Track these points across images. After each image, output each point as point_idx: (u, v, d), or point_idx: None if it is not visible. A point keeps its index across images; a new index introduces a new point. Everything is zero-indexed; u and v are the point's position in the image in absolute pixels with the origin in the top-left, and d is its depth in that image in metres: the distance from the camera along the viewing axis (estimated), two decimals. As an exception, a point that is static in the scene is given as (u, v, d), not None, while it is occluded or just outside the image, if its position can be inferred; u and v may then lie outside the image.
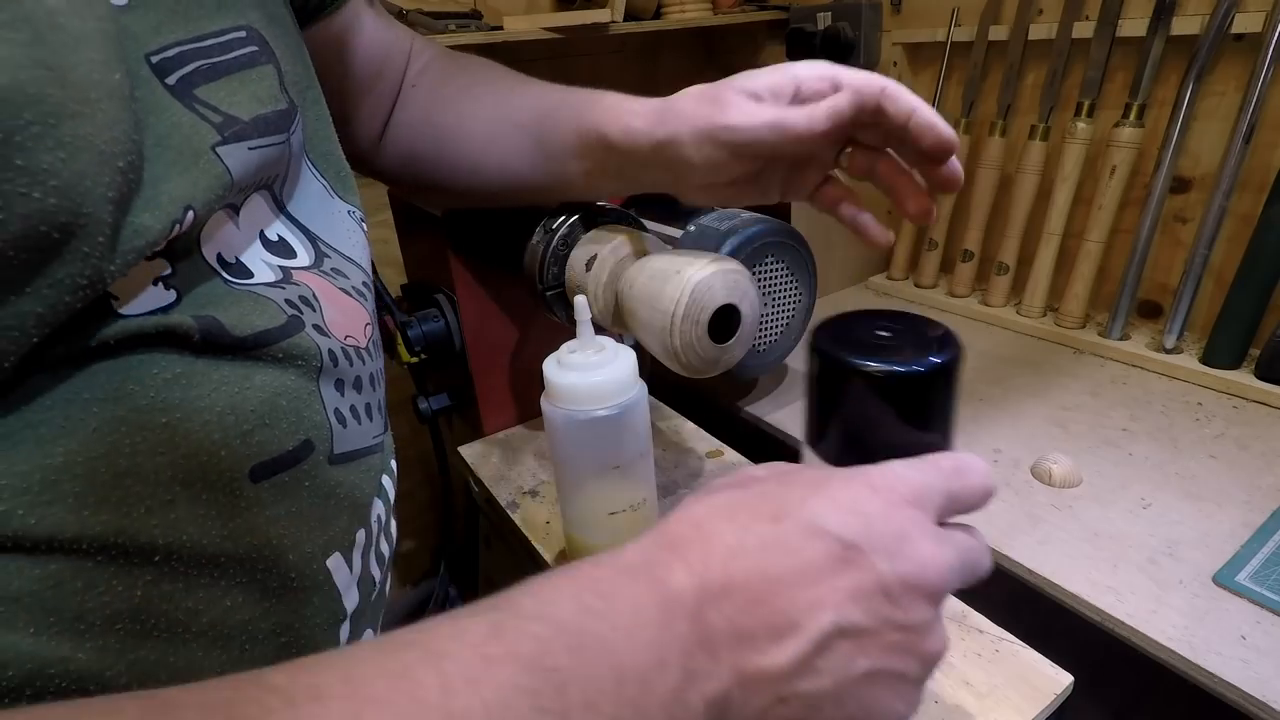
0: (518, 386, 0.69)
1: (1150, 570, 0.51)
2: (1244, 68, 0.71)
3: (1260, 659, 0.44)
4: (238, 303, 0.27)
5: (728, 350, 0.43)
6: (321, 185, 0.36)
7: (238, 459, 0.25)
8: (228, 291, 0.27)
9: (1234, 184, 0.70)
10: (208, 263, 0.27)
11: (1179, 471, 0.61)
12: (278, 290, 0.29)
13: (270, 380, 0.27)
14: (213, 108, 0.27)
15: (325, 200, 0.36)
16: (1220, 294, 0.74)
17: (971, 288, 0.97)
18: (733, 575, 0.22)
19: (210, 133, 0.26)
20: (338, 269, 0.34)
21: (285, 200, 0.33)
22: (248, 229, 0.29)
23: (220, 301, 0.26)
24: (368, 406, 0.33)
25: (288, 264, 0.31)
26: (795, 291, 0.70)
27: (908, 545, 0.24)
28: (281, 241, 0.31)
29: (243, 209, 0.29)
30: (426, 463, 1.10)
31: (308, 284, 0.31)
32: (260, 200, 0.31)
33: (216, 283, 0.27)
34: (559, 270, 0.53)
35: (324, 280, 0.32)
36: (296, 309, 0.29)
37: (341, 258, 0.35)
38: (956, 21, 0.93)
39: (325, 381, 0.30)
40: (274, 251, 0.31)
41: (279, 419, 0.27)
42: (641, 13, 0.99)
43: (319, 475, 0.29)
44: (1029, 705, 0.39)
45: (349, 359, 0.31)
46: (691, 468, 0.62)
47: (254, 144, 0.28)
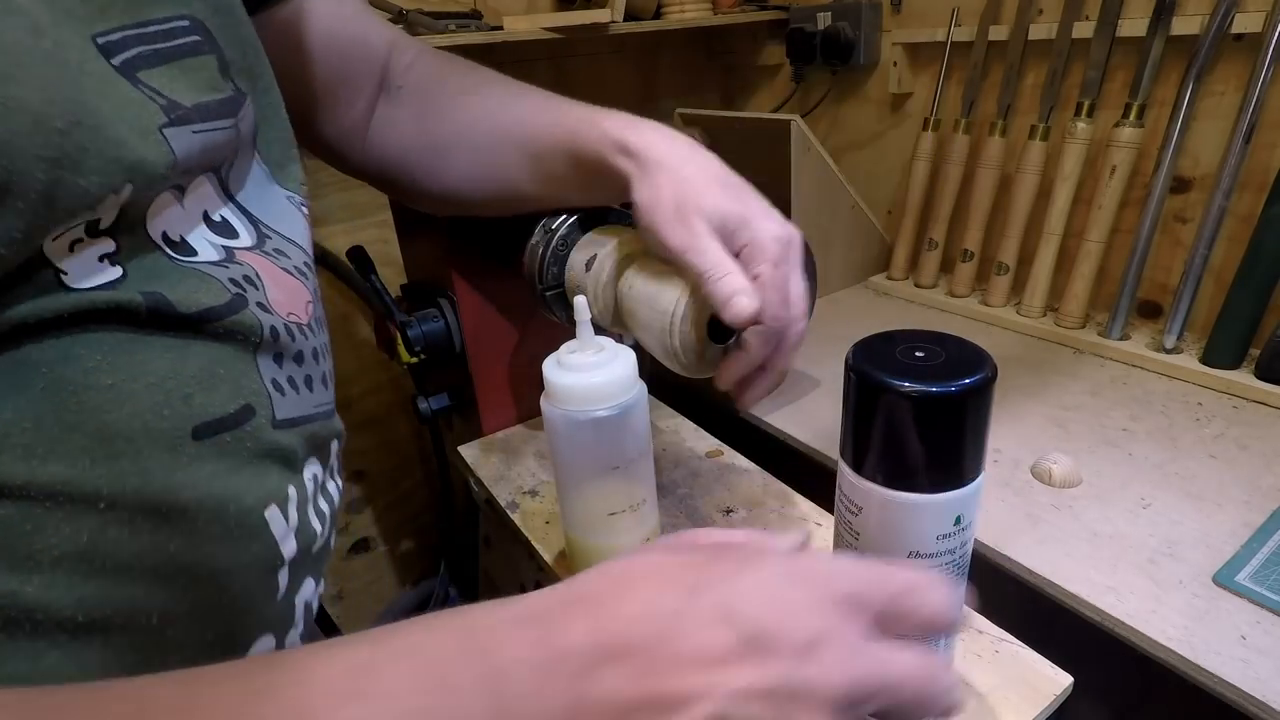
0: (518, 386, 0.69)
1: (1150, 570, 0.51)
2: (1244, 68, 0.71)
3: (1260, 659, 0.44)
4: (183, 279, 0.28)
5: (728, 350, 0.43)
6: (263, 171, 0.37)
7: (179, 418, 0.27)
8: (173, 268, 0.28)
9: (1234, 184, 0.70)
10: (153, 240, 0.28)
11: (1179, 471, 0.61)
12: (221, 269, 0.30)
13: (207, 351, 0.29)
14: (156, 91, 0.28)
15: (265, 185, 0.37)
16: (1220, 294, 0.74)
17: (971, 288, 0.97)
18: (632, 639, 0.22)
19: (158, 113, 0.27)
20: (279, 249, 0.35)
21: (231, 187, 0.34)
22: (193, 210, 0.31)
23: (166, 277, 0.28)
24: (308, 378, 0.35)
25: (230, 244, 0.32)
26: (795, 291, 0.70)
27: (820, 650, 0.22)
28: (225, 223, 0.33)
29: (189, 191, 0.30)
30: (426, 463, 1.10)
31: (250, 263, 0.32)
32: (206, 183, 0.32)
33: (161, 259, 0.28)
34: (559, 270, 0.53)
35: (266, 260, 0.33)
36: (240, 287, 0.31)
37: (283, 239, 0.36)
38: (956, 21, 0.93)
39: (263, 355, 0.31)
40: (217, 232, 0.32)
41: (217, 385, 0.29)
42: (641, 13, 0.99)
43: (262, 437, 0.30)
44: (1029, 705, 0.39)
45: (290, 334, 0.33)
46: (691, 468, 0.62)
47: (198, 128, 0.29)
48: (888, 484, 0.32)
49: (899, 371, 0.30)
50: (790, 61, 1.12)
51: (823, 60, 1.06)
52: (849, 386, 0.32)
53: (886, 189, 1.11)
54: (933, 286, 1.01)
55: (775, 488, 0.59)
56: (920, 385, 0.30)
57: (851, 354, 0.33)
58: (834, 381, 0.80)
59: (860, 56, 1.02)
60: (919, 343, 0.33)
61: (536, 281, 0.54)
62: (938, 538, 0.33)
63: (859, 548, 0.35)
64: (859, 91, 1.09)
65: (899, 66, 1.01)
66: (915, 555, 0.33)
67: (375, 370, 1.02)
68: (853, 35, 1.02)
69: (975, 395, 0.30)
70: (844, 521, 0.35)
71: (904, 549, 0.33)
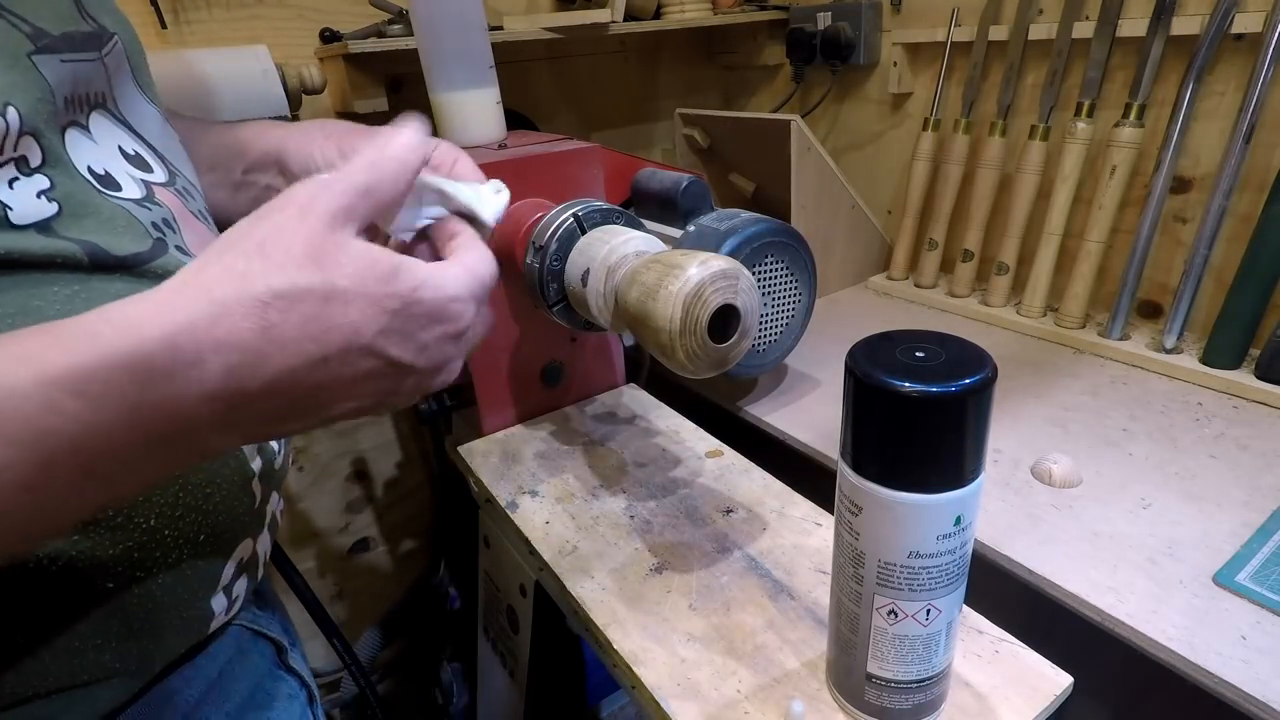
0: (518, 386, 0.69)
1: (1150, 570, 0.51)
2: (1244, 68, 0.71)
3: (1260, 659, 0.44)
4: (111, 220, 0.30)
5: (728, 350, 0.43)
6: (155, 110, 0.38)
7: None
8: (102, 202, 0.30)
9: (1234, 184, 0.70)
10: (81, 174, 0.30)
11: (1179, 471, 0.61)
12: (144, 210, 0.32)
13: None
14: (20, 17, 0.29)
15: (164, 126, 0.39)
16: (1220, 294, 0.74)
17: (971, 288, 0.97)
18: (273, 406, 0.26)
19: (24, 41, 0.28)
20: (187, 189, 0.37)
21: (124, 114, 0.35)
22: (106, 143, 0.33)
23: (96, 214, 0.29)
24: None
25: (147, 178, 0.34)
26: (795, 291, 0.70)
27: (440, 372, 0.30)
28: (138, 156, 0.34)
29: (92, 127, 0.32)
30: (426, 463, 1.10)
31: (167, 204, 0.34)
32: (105, 119, 0.34)
33: (91, 192, 0.30)
34: (558, 285, 0.54)
35: (179, 200, 0.35)
36: (160, 232, 0.32)
37: (185, 179, 0.38)
38: (956, 21, 0.93)
39: None
40: (133, 164, 0.34)
41: None
42: (641, 13, 0.99)
43: None
44: (1029, 705, 0.39)
45: None
46: (692, 467, 0.62)
47: (65, 57, 0.30)
48: (888, 484, 0.32)
49: (899, 371, 0.30)
50: (790, 61, 1.12)
51: (823, 60, 1.06)
52: (849, 387, 0.32)
53: (886, 189, 1.11)
54: (933, 286, 1.01)
55: (775, 488, 0.59)
56: (920, 385, 0.30)
57: (851, 354, 0.33)
58: (834, 381, 0.80)
59: (860, 56, 1.02)
60: (919, 343, 0.33)
61: (541, 299, 0.54)
62: (938, 538, 0.33)
63: (859, 548, 0.35)
64: (859, 91, 1.09)
65: (899, 66, 1.01)
66: (915, 555, 0.33)
67: (375, 370, 1.02)
68: (853, 35, 1.02)
69: (975, 395, 0.30)
70: (844, 521, 0.35)
71: (904, 549, 0.33)
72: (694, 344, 0.41)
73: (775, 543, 0.53)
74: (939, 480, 0.32)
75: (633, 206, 0.76)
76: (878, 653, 0.36)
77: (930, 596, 0.34)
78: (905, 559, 0.33)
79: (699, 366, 0.43)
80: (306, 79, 0.80)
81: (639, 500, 0.59)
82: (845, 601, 0.37)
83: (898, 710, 0.38)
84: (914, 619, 0.35)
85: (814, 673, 0.42)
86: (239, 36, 0.82)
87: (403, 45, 0.79)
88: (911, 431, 0.31)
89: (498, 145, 0.68)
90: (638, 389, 0.76)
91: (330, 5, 0.86)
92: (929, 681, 0.37)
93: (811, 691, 0.41)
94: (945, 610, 0.35)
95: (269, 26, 0.83)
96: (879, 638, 0.36)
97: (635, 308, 0.43)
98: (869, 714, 0.38)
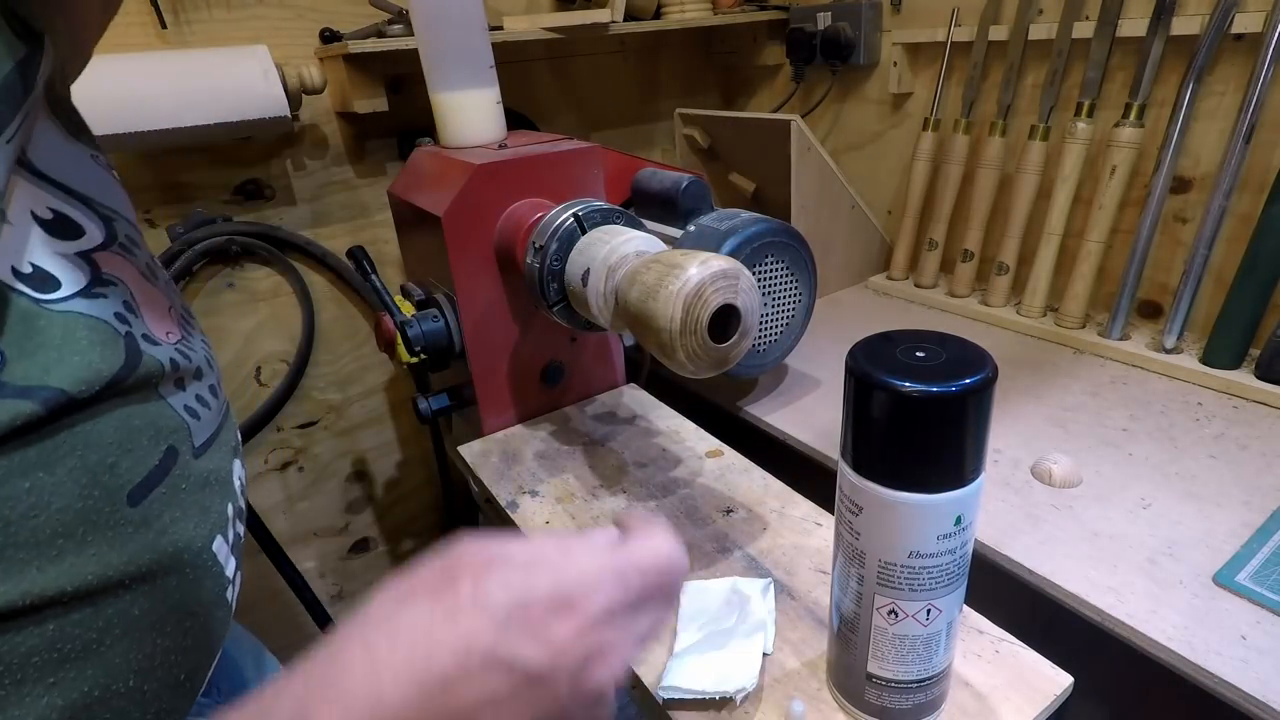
0: (518, 386, 0.69)
1: (1150, 570, 0.51)
2: (1244, 68, 0.71)
3: (1260, 659, 0.44)
4: (69, 338, 0.24)
5: (728, 350, 0.43)
6: (56, 127, 0.30)
7: (110, 492, 0.25)
8: (50, 320, 0.24)
9: (1234, 184, 0.70)
10: (12, 286, 0.24)
11: (1179, 471, 0.61)
12: (100, 302, 0.26)
13: (116, 418, 0.26)
14: None
15: (66, 145, 0.30)
16: (1220, 294, 0.74)
17: (971, 288, 0.97)
18: None
19: None
20: (131, 238, 0.31)
21: (31, 158, 0.27)
22: (21, 220, 0.25)
23: (48, 338, 0.24)
24: (212, 388, 0.33)
25: (83, 247, 0.27)
26: (795, 291, 0.70)
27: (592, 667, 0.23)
28: (59, 219, 0.27)
29: (8, 201, 0.25)
30: (426, 463, 1.10)
31: (117, 275, 0.28)
32: (18, 180, 0.26)
33: (31, 310, 0.24)
34: (559, 285, 0.54)
35: (126, 262, 0.30)
36: (126, 323, 0.27)
37: (124, 221, 0.31)
38: (956, 21, 0.93)
39: (165, 387, 0.29)
40: (58, 234, 0.27)
41: (136, 440, 0.27)
42: (641, 13, 0.99)
43: (190, 473, 0.29)
44: (1029, 705, 0.39)
45: (185, 356, 0.31)
46: (692, 468, 0.62)
47: (10, 135, 0.24)
48: (888, 484, 0.32)
49: (899, 371, 0.30)
50: (790, 61, 1.12)
51: (823, 60, 1.06)
52: (849, 387, 0.32)
53: (886, 189, 1.11)
54: (933, 286, 1.01)
55: (775, 488, 0.59)
56: (920, 385, 0.30)
57: (852, 354, 0.33)
58: (834, 381, 0.80)
59: (860, 56, 1.02)
60: (919, 343, 0.33)
61: (541, 299, 0.54)
62: (938, 538, 0.33)
63: (859, 547, 0.35)
64: (859, 91, 1.09)
65: (899, 66, 1.01)
66: (915, 555, 0.33)
67: (375, 370, 1.02)
68: (853, 35, 1.02)
69: (975, 395, 0.30)
70: (844, 521, 0.35)
71: (904, 549, 0.33)
72: (694, 344, 0.41)
73: (775, 543, 0.53)
74: (939, 480, 0.32)
75: (633, 206, 0.76)
76: (878, 653, 0.36)
77: (930, 596, 0.34)
78: (905, 559, 0.33)
79: (699, 366, 0.43)
80: (306, 79, 0.80)
81: (639, 500, 0.59)
82: (845, 601, 0.37)
83: (898, 710, 0.38)
84: (914, 619, 0.35)
85: (814, 673, 0.42)
86: (239, 36, 0.82)
87: (403, 45, 0.79)
88: (912, 431, 0.31)
89: (498, 145, 0.68)
90: (638, 389, 0.76)
91: (330, 5, 0.86)
92: (929, 681, 0.37)
93: (811, 691, 0.41)
94: (945, 610, 0.35)
95: (269, 26, 0.83)
96: (879, 638, 0.36)
97: (636, 307, 0.43)
98: (869, 714, 0.38)
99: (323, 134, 0.91)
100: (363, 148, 0.94)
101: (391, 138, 0.96)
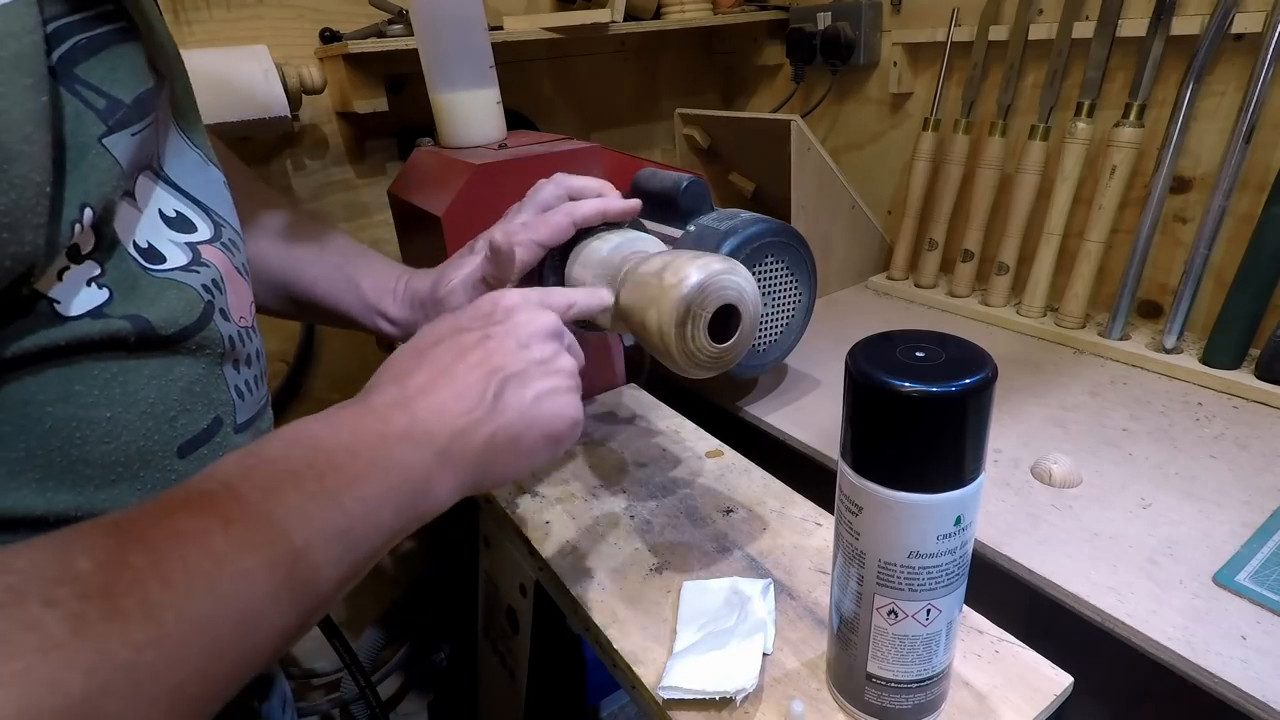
0: (518, 386, 0.69)
1: (1150, 570, 0.51)
2: (1244, 68, 0.71)
3: (1260, 659, 0.44)
4: (162, 294, 0.30)
5: (728, 350, 0.43)
6: (197, 155, 0.37)
7: (166, 440, 0.30)
8: (150, 281, 0.30)
9: (1234, 184, 0.70)
10: (130, 254, 0.29)
11: (1179, 471, 0.61)
12: (193, 275, 0.32)
13: (187, 371, 0.31)
14: (95, 88, 0.27)
15: (203, 169, 0.37)
16: (1220, 294, 0.74)
17: (971, 288, 0.97)
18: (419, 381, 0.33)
19: (95, 122, 0.27)
20: (234, 241, 0.37)
21: (167, 170, 0.34)
22: (148, 211, 0.32)
23: (146, 293, 0.29)
24: (256, 378, 0.38)
25: (192, 239, 0.34)
26: (795, 291, 0.70)
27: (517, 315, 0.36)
28: (180, 217, 0.34)
29: (138, 193, 0.31)
30: (426, 463, 1.10)
31: (215, 263, 0.34)
32: (148, 181, 0.32)
33: (139, 272, 0.29)
34: (560, 284, 0.54)
35: (225, 257, 0.35)
36: (210, 294, 0.32)
37: (231, 229, 0.37)
38: (956, 21, 0.93)
39: (227, 364, 0.34)
40: (175, 228, 0.33)
41: (194, 402, 0.31)
42: (641, 13, 0.99)
43: (228, 444, 0.34)
44: (1029, 705, 0.39)
45: (243, 340, 0.35)
46: (692, 467, 0.62)
47: (136, 129, 0.29)
48: (888, 484, 0.32)
49: (899, 371, 0.30)
50: (790, 61, 1.12)
51: (823, 60, 1.06)
52: (849, 387, 0.32)
53: (886, 189, 1.11)
54: (933, 286, 1.01)
55: (775, 488, 0.59)
56: (920, 385, 0.30)
57: (851, 354, 0.33)
58: (834, 381, 0.80)
59: (860, 56, 1.02)
60: (919, 343, 0.33)
61: None
62: (938, 538, 0.33)
63: (859, 548, 0.35)
64: (859, 91, 1.09)
65: (899, 66, 1.01)
66: (915, 555, 0.33)
67: (375, 370, 1.02)
68: (853, 35, 1.02)
69: (975, 395, 0.30)
70: (844, 521, 0.35)
71: (904, 549, 0.33)
72: (694, 344, 0.41)
73: (775, 543, 0.53)
74: (939, 480, 0.32)
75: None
76: (878, 653, 0.36)
77: (930, 596, 0.34)
78: (905, 559, 0.33)
79: (699, 367, 0.43)
80: (306, 79, 0.80)
81: (639, 500, 0.59)
82: (845, 601, 0.37)
83: (898, 710, 0.38)
84: (914, 619, 0.35)
85: (814, 673, 0.42)
86: (239, 36, 0.82)
87: (403, 45, 0.79)
88: (911, 431, 0.31)
89: (498, 145, 0.68)
90: (638, 389, 0.76)
91: (330, 5, 0.86)
92: (929, 681, 0.37)
93: (811, 691, 0.41)
94: (945, 610, 0.35)
95: (269, 26, 0.83)
96: (879, 638, 0.36)
97: (635, 308, 0.43)
98: (869, 714, 0.38)
99: (323, 134, 0.91)
100: (363, 148, 0.94)
101: (391, 138, 0.95)
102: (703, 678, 0.41)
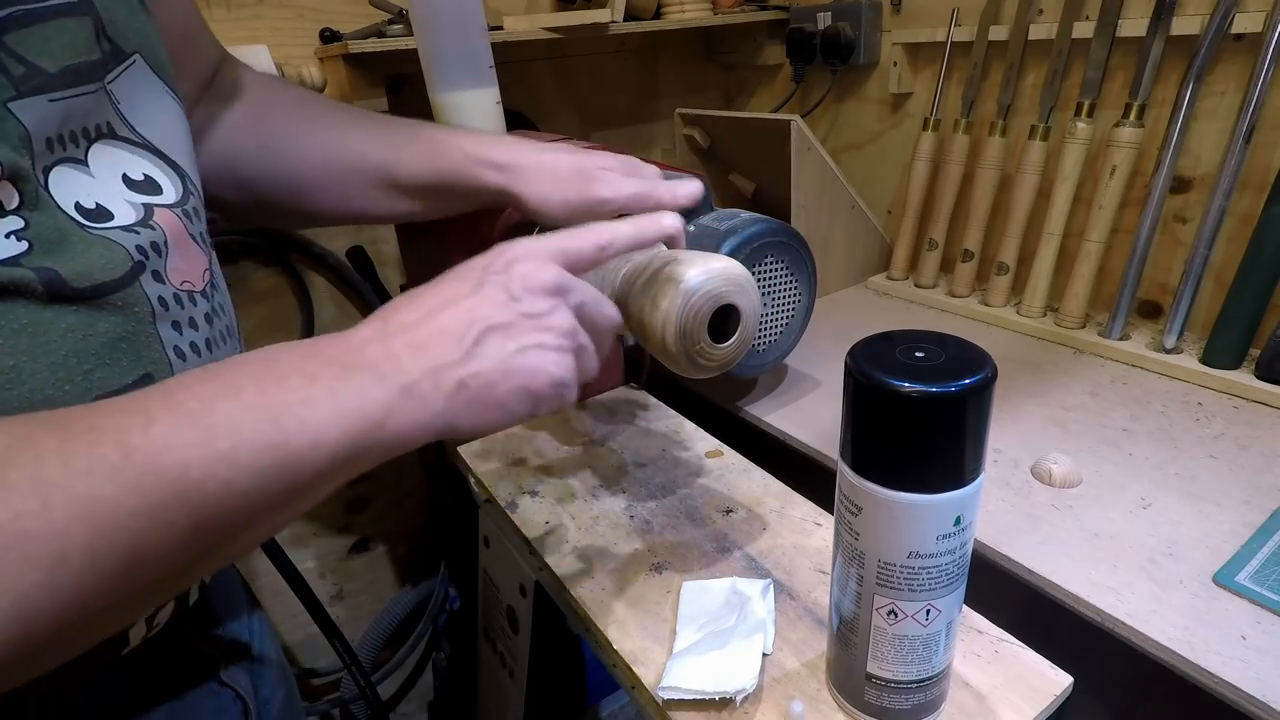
0: (518, 386, 0.69)
1: (1150, 570, 0.51)
2: (1244, 68, 0.71)
3: (1260, 659, 0.44)
4: (87, 250, 0.30)
5: (728, 350, 0.43)
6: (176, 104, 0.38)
7: (79, 392, 0.30)
8: (82, 238, 0.30)
9: (1234, 184, 0.70)
10: (65, 213, 0.30)
11: (1179, 471, 0.61)
12: (131, 235, 0.32)
13: (111, 327, 0.31)
14: (17, 56, 0.29)
15: (150, 87, 0.37)
16: (1220, 294, 0.73)
17: (971, 288, 0.97)
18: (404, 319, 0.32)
19: (6, 86, 0.28)
20: (197, 210, 0.38)
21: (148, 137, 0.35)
22: (106, 175, 0.33)
23: (71, 249, 0.30)
24: (208, 340, 0.37)
25: (152, 200, 0.35)
26: (795, 291, 0.70)
27: (515, 267, 0.35)
28: (147, 180, 0.35)
29: (91, 160, 0.32)
30: (426, 463, 1.10)
31: (164, 225, 0.34)
32: (109, 148, 0.34)
33: (70, 229, 0.30)
34: None
35: (179, 222, 0.36)
36: (144, 255, 0.33)
37: (197, 196, 0.38)
38: (956, 21, 0.93)
39: (162, 324, 0.34)
40: (139, 190, 0.34)
41: (118, 358, 0.32)
42: (641, 13, 0.99)
43: None
44: (1029, 705, 0.39)
45: (181, 303, 0.35)
46: (692, 467, 0.62)
47: (56, 96, 0.30)
48: (888, 484, 0.32)
49: (899, 371, 0.30)
50: (790, 61, 1.12)
51: (823, 60, 1.06)
52: (849, 387, 0.32)
53: (886, 189, 1.11)
54: (933, 286, 1.01)
55: (775, 488, 0.59)
56: (920, 385, 0.30)
57: (851, 354, 0.33)
58: (834, 381, 0.80)
59: (860, 56, 1.02)
60: (919, 343, 0.33)
61: None
62: (938, 538, 0.33)
63: (859, 548, 0.35)
64: (859, 91, 1.09)
65: (899, 66, 1.01)
66: (915, 555, 0.33)
67: (375, 370, 1.02)
68: (853, 35, 1.02)
69: (975, 395, 0.30)
70: (844, 521, 0.35)
71: (903, 549, 0.33)
72: (694, 345, 0.41)
73: (775, 543, 0.53)
74: (939, 480, 0.32)
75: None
76: (878, 653, 0.36)
77: (930, 596, 0.34)
78: (905, 559, 0.33)
79: (699, 367, 0.43)
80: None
81: (639, 500, 0.59)
82: (845, 602, 0.37)
83: (898, 710, 0.38)
84: (914, 619, 0.35)
85: (814, 673, 0.42)
86: (239, 36, 0.82)
87: (403, 45, 0.79)
88: (911, 431, 0.31)
89: (498, 145, 0.68)
90: (638, 389, 0.76)
91: (330, 5, 0.86)
92: (929, 682, 0.37)
93: (811, 691, 0.41)
94: (945, 610, 0.35)
95: (269, 26, 0.83)
96: (879, 638, 0.36)
97: (635, 308, 0.43)
98: (869, 714, 0.38)
99: (323, 134, 0.91)
100: (363, 148, 0.94)
101: (391, 138, 0.96)
102: (702, 678, 0.41)
